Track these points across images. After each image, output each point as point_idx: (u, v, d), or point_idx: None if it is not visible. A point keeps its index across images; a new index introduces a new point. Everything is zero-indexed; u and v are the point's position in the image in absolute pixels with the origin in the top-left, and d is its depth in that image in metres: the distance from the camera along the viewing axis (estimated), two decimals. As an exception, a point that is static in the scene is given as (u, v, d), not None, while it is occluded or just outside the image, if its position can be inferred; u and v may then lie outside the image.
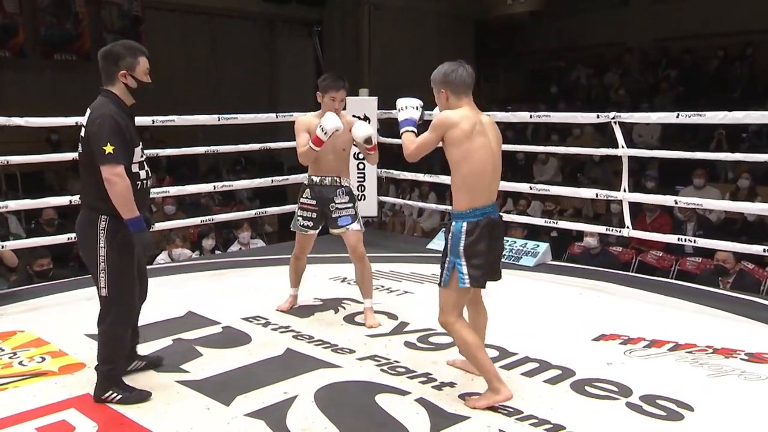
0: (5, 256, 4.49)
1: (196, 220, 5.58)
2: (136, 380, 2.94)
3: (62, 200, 4.70)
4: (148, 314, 3.73)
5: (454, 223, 2.70)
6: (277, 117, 5.54)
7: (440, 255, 2.83)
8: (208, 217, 5.67)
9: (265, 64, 13.64)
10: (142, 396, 2.74)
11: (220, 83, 12.56)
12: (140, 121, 4.86)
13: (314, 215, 3.71)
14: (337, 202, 3.65)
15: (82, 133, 2.70)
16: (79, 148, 2.73)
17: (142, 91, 2.77)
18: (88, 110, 2.69)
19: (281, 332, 3.57)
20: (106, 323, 2.71)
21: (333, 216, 3.66)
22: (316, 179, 3.69)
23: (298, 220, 3.76)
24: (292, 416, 2.60)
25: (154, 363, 3.10)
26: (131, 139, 2.68)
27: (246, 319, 3.76)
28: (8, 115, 4.21)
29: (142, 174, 2.75)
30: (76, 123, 4.53)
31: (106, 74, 2.72)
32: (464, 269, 2.65)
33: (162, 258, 6.09)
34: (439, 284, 2.75)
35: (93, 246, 2.67)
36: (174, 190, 5.61)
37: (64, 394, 2.76)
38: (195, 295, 4.23)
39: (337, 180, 3.67)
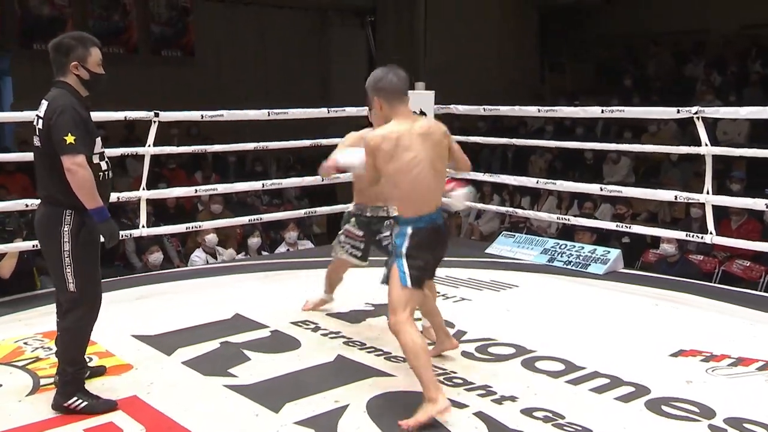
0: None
1: (243, 219, 5.70)
2: (182, 383, 3.04)
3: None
4: (195, 316, 3.88)
5: (400, 227, 2.82)
6: (329, 112, 5.62)
7: (501, 261, 2.88)
8: (255, 217, 5.79)
9: (315, 56, 13.81)
10: (108, 405, 2.77)
11: (269, 76, 12.79)
12: (188, 115, 5.07)
13: (362, 245, 3.71)
14: (383, 234, 3.62)
15: (40, 126, 2.73)
16: (36, 142, 2.77)
17: (97, 84, 2.83)
18: (45, 102, 2.75)
19: (332, 338, 3.62)
20: (72, 320, 2.77)
21: (383, 244, 3.62)
22: (363, 209, 3.68)
23: (344, 246, 3.73)
24: (343, 426, 2.64)
25: (98, 372, 3.13)
26: (92, 130, 2.77)
27: (295, 323, 3.83)
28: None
29: (104, 165, 2.84)
30: (125, 118, 4.72)
31: (58, 66, 2.79)
32: (405, 269, 2.76)
33: (198, 255, 6.26)
34: (382, 282, 2.88)
35: (57, 242, 2.72)
36: (222, 188, 5.74)
37: (111, 396, 2.87)
38: (242, 297, 4.32)
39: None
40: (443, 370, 3.19)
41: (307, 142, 5.83)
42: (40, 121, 2.72)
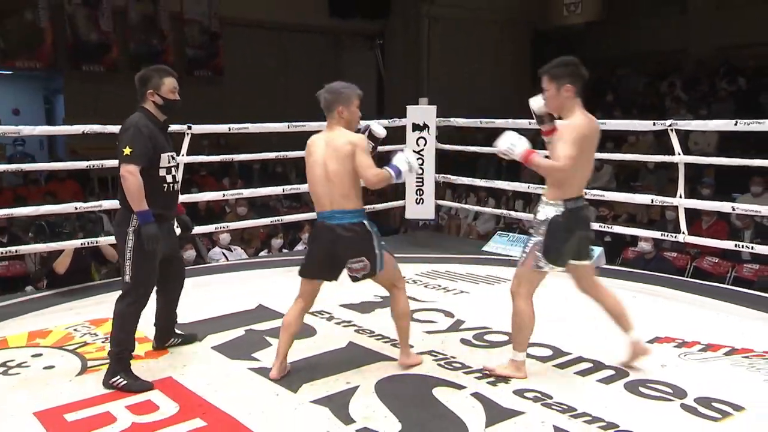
0: (106, 252, 4.76)
1: (265, 221, 5.72)
2: (212, 366, 3.05)
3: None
4: (223, 306, 3.90)
5: None
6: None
7: (496, 257, 2.90)
8: (276, 218, 5.80)
9: (331, 75, 13.75)
10: (144, 386, 2.80)
11: (289, 93, 12.83)
12: (217, 128, 5.09)
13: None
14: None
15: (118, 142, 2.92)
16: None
17: (171, 108, 2.97)
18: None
19: (344, 326, 3.63)
20: (123, 304, 2.89)
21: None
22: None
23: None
24: (354, 405, 2.65)
25: (189, 339, 3.33)
26: (155, 147, 2.88)
27: (311, 313, 3.79)
28: (104, 123, 4.44)
29: (169, 178, 2.96)
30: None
31: (140, 94, 2.95)
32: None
33: (215, 251, 6.29)
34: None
35: (123, 239, 2.87)
36: (247, 193, 5.77)
37: (149, 377, 2.89)
38: (265, 289, 4.33)
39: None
40: (443, 355, 3.19)
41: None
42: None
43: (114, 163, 4.92)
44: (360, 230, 2.80)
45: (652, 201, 4.88)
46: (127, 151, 2.80)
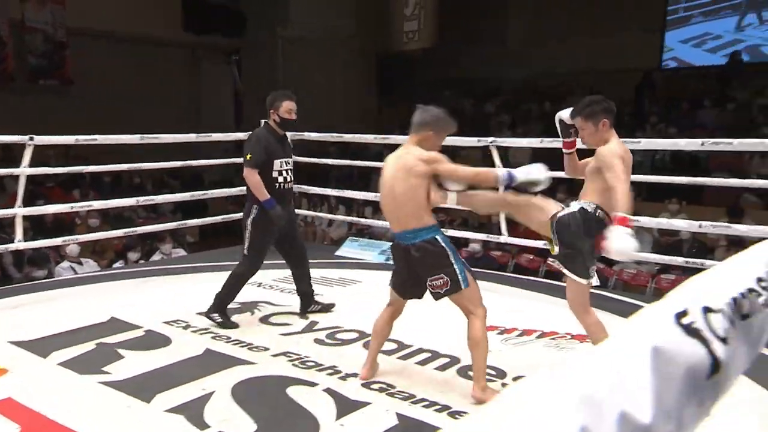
0: None
1: (119, 232, 5.30)
2: (58, 383, 2.76)
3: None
4: (71, 321, 3.55)
5: None
6: (197, 137, 5.38)
7: (347, 261, 2.94)
8: (131, 229, 5.40)
9: (188, 88, 13.21)
10: (233, 325, 3.49)
11: (144, 104, 12.02)
12: (63, 139, 4.64)
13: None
14: None
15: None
16: None
17: (286, 125, 3.52)
18: None
19: (201, 334, 3.46)
20: (239, 269, 3.53)
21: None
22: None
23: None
24: (210, 410, 2.53)
25: (327, 308, 3.82)
26: (269, 154, 3.43)
27: (167, 322, 3.61)
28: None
29: (280, 179, 3.51)
30: (-1, 140, 4.23)
31: (267, 112, 3.51)
32: None
33: (62, 267, 5.71)
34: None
35: (245, 222, 3.49)
36: (98, 204, 5.31)
37: (-16, 401, 2.54)
38: (119, 301, 4.00)
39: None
40: (298, 355, 3.16)
41: (178, 163, 5.56)
42: None
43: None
44: (432, 247, 2.60)
45: (479, 207, 5.22)
46: (247, 156, 3.39)
